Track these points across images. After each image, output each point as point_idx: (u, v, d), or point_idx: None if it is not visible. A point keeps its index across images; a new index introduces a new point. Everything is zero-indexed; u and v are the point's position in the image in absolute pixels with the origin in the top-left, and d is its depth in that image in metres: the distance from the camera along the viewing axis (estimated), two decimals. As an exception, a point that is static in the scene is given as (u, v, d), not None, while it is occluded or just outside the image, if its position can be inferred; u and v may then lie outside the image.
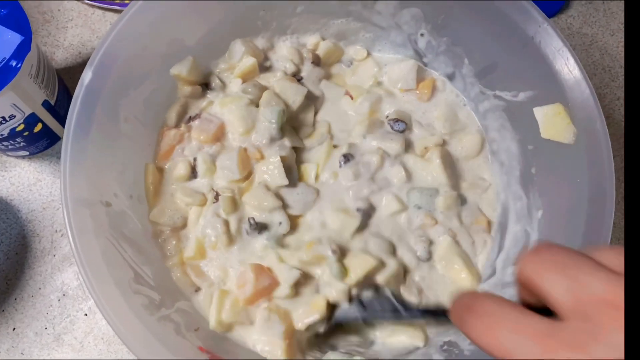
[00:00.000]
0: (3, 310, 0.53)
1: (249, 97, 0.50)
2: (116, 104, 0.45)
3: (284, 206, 0.48)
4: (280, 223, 0.47)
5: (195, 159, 0.50)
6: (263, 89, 0.51)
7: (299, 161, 0.52)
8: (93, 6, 0.64)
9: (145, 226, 0.47)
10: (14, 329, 0.52)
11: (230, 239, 0.47)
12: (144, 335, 0.38)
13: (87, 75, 0.43)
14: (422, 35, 0.55)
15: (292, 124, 0.52)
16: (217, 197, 0.48)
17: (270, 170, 0.48)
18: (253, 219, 0.47)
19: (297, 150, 0.52)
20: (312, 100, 0.54)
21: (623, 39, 0.68)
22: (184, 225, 0.48)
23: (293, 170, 0.50)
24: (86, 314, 0.53)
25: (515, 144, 0.51)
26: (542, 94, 0.47)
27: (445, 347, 0.45)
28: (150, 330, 0.39)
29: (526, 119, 0.49)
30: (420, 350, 0.46)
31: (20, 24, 0.46)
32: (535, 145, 0.49)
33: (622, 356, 0.21)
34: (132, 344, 0.37)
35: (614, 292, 0.23)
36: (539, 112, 0.48)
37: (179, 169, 0.49)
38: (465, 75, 0.54)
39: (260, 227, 0.47)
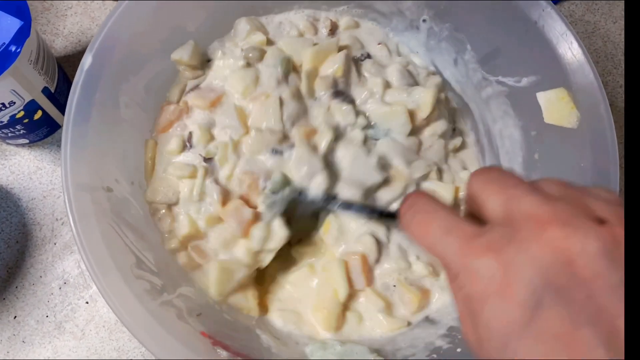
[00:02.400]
0: (4, 299, 0.53)
1: (247, 60, 0.50)
2: (116, 89, 0.45)
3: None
4: None
5: (190, 132, 0.49)
6: (265, 52, 0.51)
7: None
8: None
9: (146, 212, 0.47)
10: (15, 317, 0.52)
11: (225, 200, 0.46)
12: (146, 320, 0.38)
13: (87, 60, 0.43)
14: (424, 21, 0.54)
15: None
16: (206, 160, 0.47)
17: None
18: None
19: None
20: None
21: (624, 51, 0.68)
22: (178, 201, 0.48)
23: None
24: (87, 302, 0.53)
25: (518, 131, 0.51)
26: (545, 78, 0.47)
27: (448, 332, 0.45)
28: (153, 315, 0.38)
29: (529, 105, 0.48)
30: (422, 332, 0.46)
31: (20, 9, 0.46)
32: (539, 130, 0.49)
33: (531, 263, 0.23)
34: (135, 329, 0.37)
35: (542, 210, 0.24)
36: (542, 97, 0.47)
37: (171, 143, 0.48)
38: (467, 61, 0.54)
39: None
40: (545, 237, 0.23)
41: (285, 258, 0.49)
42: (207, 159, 0.47)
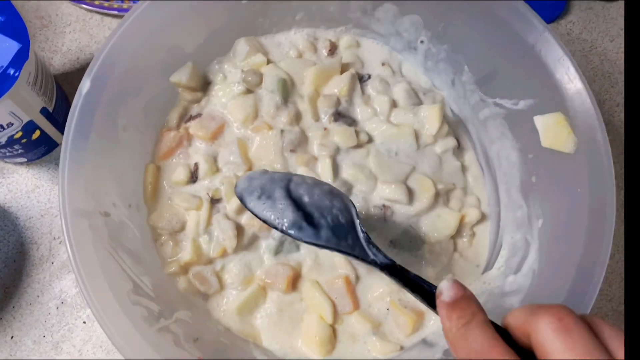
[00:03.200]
0: (1, 319, 0.52)
1: (246, 85, 0.51)
2: (114, 112, 0.45)
3: None
4: None
5: (196, 164, 0.50)
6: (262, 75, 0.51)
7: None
8: (91, 11, 0.64)
9: (144, 234, 0.47)
10: (12, 337, 0.52)
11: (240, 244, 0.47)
12: (142, 347, 0.38)
13: (85, 85, 0.43)
14: (422, 42, 0.55)
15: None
16: (212, 201, 0.48)
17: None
18: None
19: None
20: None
21: (623, 45, 0.68)
22: (182, 229, 0.48)
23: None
24: (84, 322, 0.53)
25: (516, 153, 0.51)
26: (542, 102, 0.47)
27: (445, 357, 0.45)
28: (149, 343, 0.38)
29: (527, 128, 0.48)
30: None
31: (19, 31, 0.46)
32: (536, 153, 0.49)
33: None
34: (131, 357, 0.37)
35: None
36: (540, 121, 0.47)
37: (178, 173, 0.49)
38: (465, 82, 0.54)
39: None
40: None
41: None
42: (214, 200, 0.48)
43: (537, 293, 0.44)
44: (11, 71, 0.45)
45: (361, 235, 0.40)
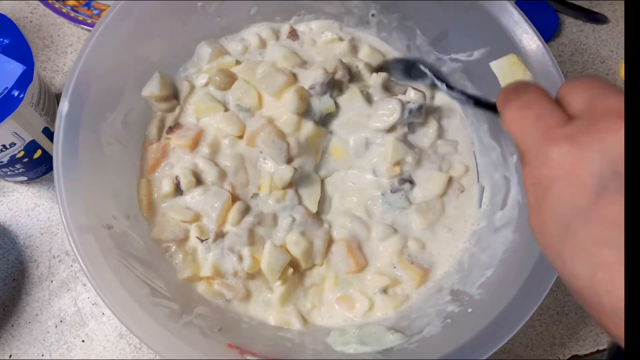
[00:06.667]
0: (0, 337, 0.52)
1: (214, 86, 0.52)
2: (96, 129, 0.46)
3: None
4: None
5: (177, 177, 0.50)
6: (230, 74, 0.53)
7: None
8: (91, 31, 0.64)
9: (148, 243, 0.48)
10: (10, 356, 0.52)
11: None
12: (175, 343, 0.39)
13: (64, 106, 0.43)
14: (373, 15, 0.58)
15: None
16: (202, 240, 0.48)
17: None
18: None
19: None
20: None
21: (613, 67, 0.71)
22: (187, 238, 0.49)
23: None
24: (83, 341, 0.53)
25: (479, 100, 0.54)
26: (494, 49, 0.51)
27: (454, 297, 0.48)
28: (179, 337, 0.39)
29: (485, 75, 0.52)
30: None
31: (23, 53, 0.47)
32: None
33: (603, 151, 0.24)
34: (167, 353, 0.38)
35: (624, 105, 0.25)
36: (495, 66, 0.51)
37: (164, 185, 0.50)
38: (420, 45, 0.57)
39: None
40: (623, 128, 0.23)
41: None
42: (203, 240, 0.48)
43: (525, 221, 0.47)
44: (15, 93, 0.46)
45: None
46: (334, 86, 0.51)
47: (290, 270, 0.48)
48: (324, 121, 0.52)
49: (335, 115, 0.52)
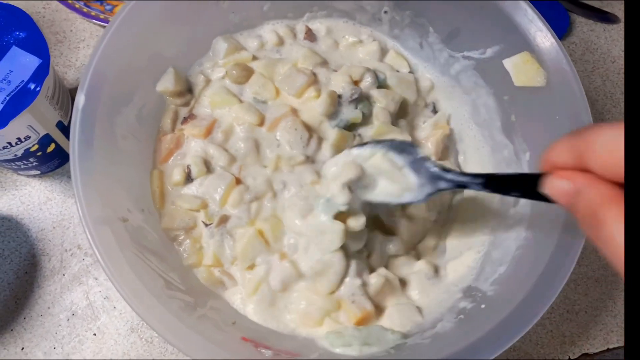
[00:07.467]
0: (12, 330, 0.52)
1: (231, 80, 0.53)
2: (111, 122, 0.46)
3: None
4: None
5: (188, 166, 0.50)
6: (246, 68, 0.53)
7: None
8: (104, 27, 0.64)
9: (161, 236, 0.48)
10: (23, 348, 0.52)
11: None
12: (190, 335, 0.39)
13: (80, 99, 0.44)
14: (385, 12, 0.58)
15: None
16: (207, 225, 0.49)
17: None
18: None
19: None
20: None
21: (624, 66, 0.71)
22: (195, 225, 0.49)
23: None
24: (95, 334, 0.53)
25: (492, 98, 0.54)
26: (508, 46, 0.51)
27: (467, 294, 0.48)
28: (194, 329, 0.39)
29: (497, 72, 0.52)
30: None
31: (39, 47, 0.47)
32: (510, 94, 0.52)
33: None
34: (183, 345, 0.38)
35: None
36: (509, 63, 0.51)
37: (175, 174, 0.50)
38: (432, 43, 0.57)
39: None
40: None
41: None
42: (207, 225, 0.49)
43: (538, 219, 0.47)
44: (32, 86, 0.46)
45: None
46: (360, 99, 0.52)
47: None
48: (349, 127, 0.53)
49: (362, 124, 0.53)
